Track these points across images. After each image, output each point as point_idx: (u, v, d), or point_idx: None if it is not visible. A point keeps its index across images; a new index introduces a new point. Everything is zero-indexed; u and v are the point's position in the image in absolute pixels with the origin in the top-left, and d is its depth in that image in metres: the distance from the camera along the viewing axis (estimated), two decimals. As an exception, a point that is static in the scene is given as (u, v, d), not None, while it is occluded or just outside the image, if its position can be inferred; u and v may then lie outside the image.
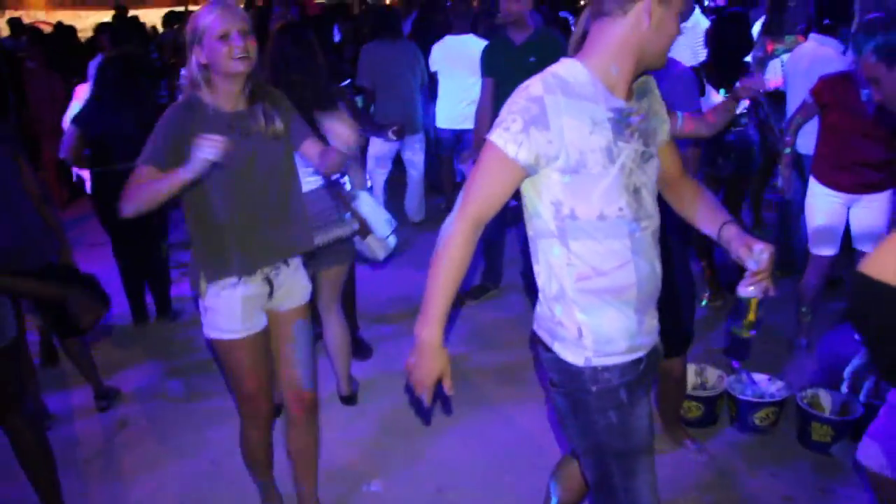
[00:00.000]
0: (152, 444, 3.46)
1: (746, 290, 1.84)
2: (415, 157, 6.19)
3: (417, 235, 6.06)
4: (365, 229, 3.35)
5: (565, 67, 1.70)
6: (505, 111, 1.67)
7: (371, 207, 3.36)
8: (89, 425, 3.66)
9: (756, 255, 1.78)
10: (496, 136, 1.66)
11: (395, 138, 4.22)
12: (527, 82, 1.68)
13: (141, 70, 4.43)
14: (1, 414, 2.58)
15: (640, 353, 1.82)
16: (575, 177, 1.66)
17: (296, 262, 2.55)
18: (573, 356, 1.77)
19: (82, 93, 4.70)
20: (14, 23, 10.92)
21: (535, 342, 1.92)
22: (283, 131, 2.43)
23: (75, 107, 4.63)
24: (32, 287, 2.65)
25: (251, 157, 2.35)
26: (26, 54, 7.46)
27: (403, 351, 4.08)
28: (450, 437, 3.37)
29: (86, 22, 12.63)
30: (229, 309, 2.40)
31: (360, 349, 4.09)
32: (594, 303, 1.74)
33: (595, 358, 1.76)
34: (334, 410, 3.54)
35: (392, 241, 3.46)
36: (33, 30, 9.38)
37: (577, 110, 1.64)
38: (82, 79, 5.67)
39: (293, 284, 2.53)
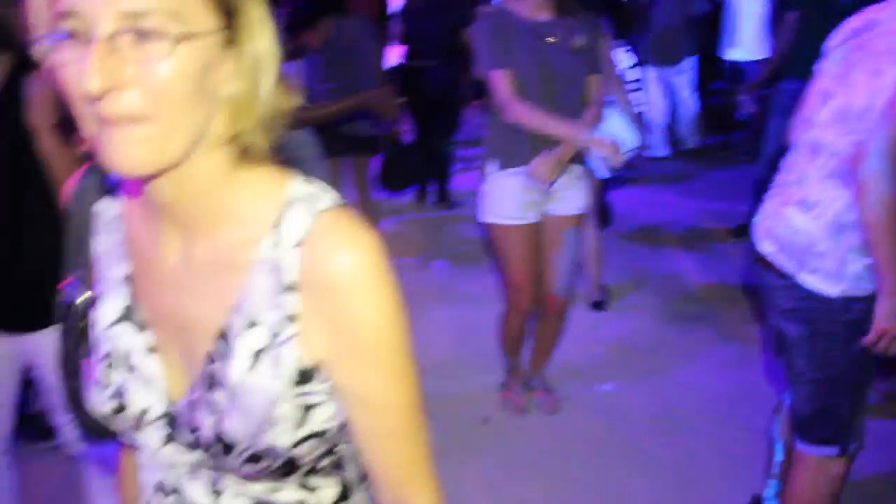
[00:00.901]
0: (414, 308, 3.89)
1: None
2: (681, 83, 6.08)
3: (691, 165, 5.97)
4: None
5: None
6: None
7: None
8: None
9: None
10: None
11: None
12: None
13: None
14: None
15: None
16: None
17: (577, 171, 2.71)
18: (827, 286, 1.80)
19: None
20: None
21: (766, 268, 1.95)
22: (584, 46, 2.56)
23: None
24: (355, 101, 3.02)
25: (547, 64, 2.52)
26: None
27: (655, 268, 4.19)
28: (689, 361, 3.43)
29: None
30: (511, 195, 2.65)
31: None
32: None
33: (851, 289, 1.78)
34: (581, 313, 3.74)
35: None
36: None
37: None
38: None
39: (570, 191, 2.71)
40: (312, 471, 0.86)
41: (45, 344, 1.83)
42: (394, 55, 5.29)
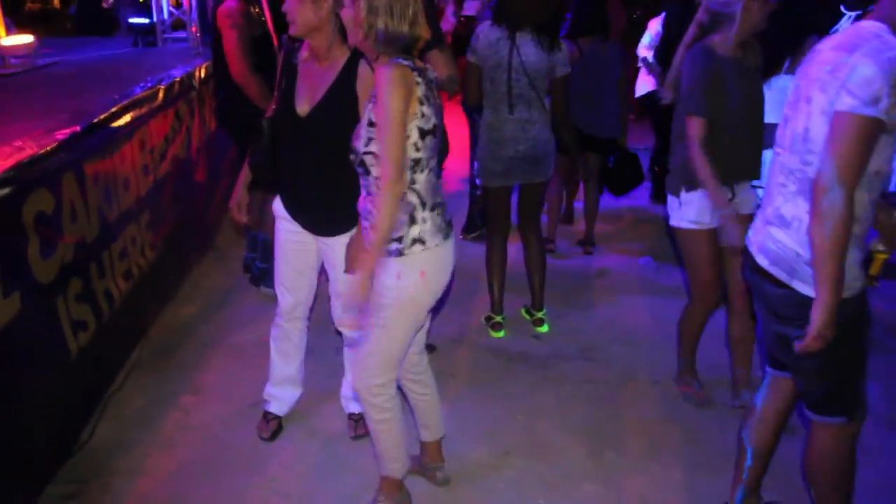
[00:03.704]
0: (617, 295, 4.56)
1: (878, 246, 2.11)
2: None
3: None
4: None
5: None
6: (871, 81, 1.85)
7: None
8: (577, 264, 5.00)
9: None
10: (871, 110, 1.85)
11: None
12: (871, 48, 1.88)
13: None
14: (527, 225, 3.86)
15: (864, 284, 2.09)
16: (885, 136, 1.91)
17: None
18: None
19: (654, 26, 5.85)
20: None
21: (764, 279, 2.18)
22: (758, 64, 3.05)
23: (646, 37, 5.84)
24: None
25: (741, 91, 2.99)
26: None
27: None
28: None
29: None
30: (700, 204, 3.09)
31: None
32: (850, 244, 1.97)
33: (844, 292, 1.98)
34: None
35: None
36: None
37: None
38: (650, 12, 6.78)
39: (748, 196, 3.15)
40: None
41: (338, 245, 2.70)
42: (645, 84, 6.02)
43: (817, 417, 2.23)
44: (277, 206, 2.87)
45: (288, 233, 2.85)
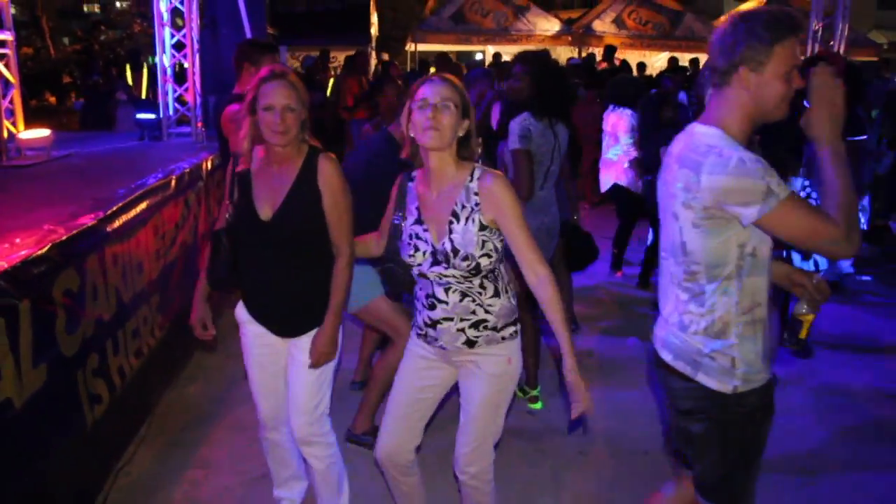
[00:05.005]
0: (606, 373, 4.73)
1: (802, 309, 2.32)
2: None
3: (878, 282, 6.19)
4: None
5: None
6: (748, 188, 1.90)
7: None
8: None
9: (816, 284, 2.21)
10: (781, 192, 1.90)
11: None
12: (711, 165, 1.94)
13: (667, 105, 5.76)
14: (524, 305, 4.05)
15: (769, 376, 2.15)
16: None
17: None
18: (721, 385, 2.08)
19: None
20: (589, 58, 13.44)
21: (668, 373, 2.21)
22: None
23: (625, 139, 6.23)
24: None
25: None
26: (583, 82, 9.36)
27: (820, 370, 4.64)
28: (845, 461, 3.88)
29: (648, 59, 14.63)
30: None
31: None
32: (749, 334, 2.07)
33: (742, 386, 2.08)
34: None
35: None
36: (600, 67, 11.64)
37: None
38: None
39: None
40: (485, 276, 2.37)
41: (305, 345, 2.71)
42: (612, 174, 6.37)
43: (704, 502, 2.29)
44: (240, 311, 2.83)
45: (255, 336, 2.82)
